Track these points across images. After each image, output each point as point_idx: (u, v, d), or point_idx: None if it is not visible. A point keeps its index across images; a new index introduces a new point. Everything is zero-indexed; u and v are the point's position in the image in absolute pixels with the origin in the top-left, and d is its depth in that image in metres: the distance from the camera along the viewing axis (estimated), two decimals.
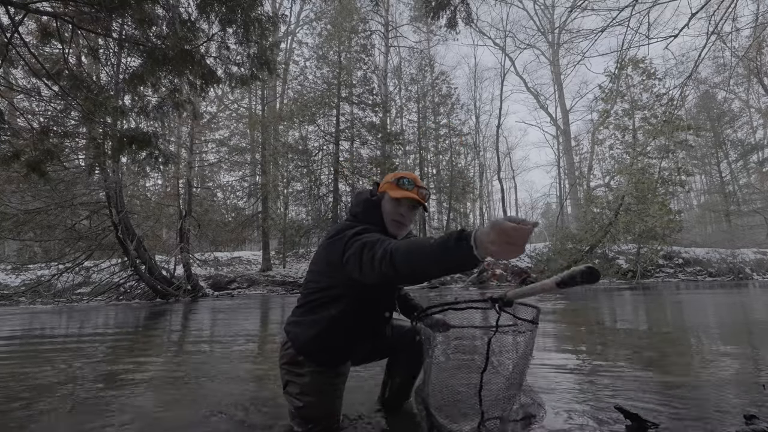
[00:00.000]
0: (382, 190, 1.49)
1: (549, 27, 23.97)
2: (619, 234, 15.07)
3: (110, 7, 3.77)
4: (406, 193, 1.43)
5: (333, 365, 1.46)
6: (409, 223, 1.48)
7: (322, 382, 1.43)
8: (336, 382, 1.46)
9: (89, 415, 1.81)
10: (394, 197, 1.43)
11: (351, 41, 16.82)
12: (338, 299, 1.41)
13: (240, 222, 15.06)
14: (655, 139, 14.67)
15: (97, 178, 9.24)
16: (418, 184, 1.48)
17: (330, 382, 1.45)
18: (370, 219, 1.43)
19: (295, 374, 1.44)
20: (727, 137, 25.25)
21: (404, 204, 1.45)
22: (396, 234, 1.45)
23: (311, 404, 1.41)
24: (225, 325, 5.27)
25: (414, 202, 1.45)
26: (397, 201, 1.44)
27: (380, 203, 1.47)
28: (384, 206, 1.45)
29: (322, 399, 1.43)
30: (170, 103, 5.14)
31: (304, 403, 1.42)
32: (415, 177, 1.50)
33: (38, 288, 9.90)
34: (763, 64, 14.79)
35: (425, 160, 20.29)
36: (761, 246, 18.85)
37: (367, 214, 1.45)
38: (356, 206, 1.50)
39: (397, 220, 1.44)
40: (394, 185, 1.46)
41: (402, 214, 1.44)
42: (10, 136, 4.71)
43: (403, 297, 1.82)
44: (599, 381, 2.19)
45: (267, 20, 4.68)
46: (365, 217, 1.44)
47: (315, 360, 1.44)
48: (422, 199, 1.47)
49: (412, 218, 1.49)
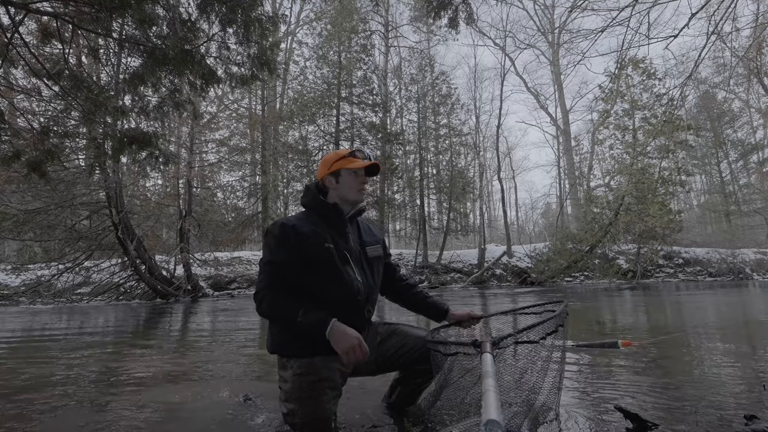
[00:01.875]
0: (334, 169, 1.56)
1: (549, 27, 23.96)
2: (619, 234, 15.07)
3: (110, 7, 3.77)
4: (362, 164, 1.55)
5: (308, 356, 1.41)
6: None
7: (303, 388, 1.38)
8: (318, 386, 1.38)
9: (89, 415, 1.81)
10: (353, 168, 1.54)
11: (351, 41, 16.81)
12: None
13: (240, 222, 15.05)
14: (655, 139, 14.66)
15: (97, 178, 9.24)
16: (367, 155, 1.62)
17: (311, 387, 1.38)
18: (317, 207, 1.56)
19: (282, 380, 1.45)
20: (727, 137, 25.25)
21: (363, 172, 1.58)
22: (359, 200, 1.60)
23: (293, 412, 1.39)
24: (225, 325, 5.27)
25: (373, 167, 1.58)
26: (359, 172, 1.56)
27: (322, 189, 1.59)
28: (342, 184, 1.56)
29: (303, 406, 1.37)
30: (170, 103, 5.13)
31: (288, 410, 1.40)
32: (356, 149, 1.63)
33: (38, 288, 9.91)
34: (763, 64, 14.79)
35: (425, 160, 20.27)
36: (761, 246, 18.85)
37: (314, 202, 1.57)
38: (304, 197, 1.61)
39: (361, 189, 1.58)
40: (349, 160, 1.56)
41: (363, 183, 1.58)
42: (10, 136, 4.71)
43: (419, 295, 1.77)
44: (599, 381, 2.20)
45: (267, 20, 4.68)
46: (313, 205, 1.57)
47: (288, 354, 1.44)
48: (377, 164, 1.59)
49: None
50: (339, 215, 1.55)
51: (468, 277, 15.73)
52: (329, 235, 1.49)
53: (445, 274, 15.84)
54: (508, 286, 14.54)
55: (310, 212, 1.56)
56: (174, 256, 12.04)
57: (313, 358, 1.41)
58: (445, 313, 1.72)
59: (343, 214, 1.55)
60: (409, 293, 1.77)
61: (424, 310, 1.76)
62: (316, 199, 1.56)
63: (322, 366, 1.40)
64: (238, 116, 15.55)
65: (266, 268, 1.44)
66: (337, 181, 1.56)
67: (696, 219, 27.42)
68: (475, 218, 22.52)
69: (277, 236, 1.44)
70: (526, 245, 19.24)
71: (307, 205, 1.58)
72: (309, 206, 1.58)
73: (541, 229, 32.63)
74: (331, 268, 1.45)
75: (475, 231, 21.51)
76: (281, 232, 1.44)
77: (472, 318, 1.70)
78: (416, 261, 16.93)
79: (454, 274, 16.07)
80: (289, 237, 1.43)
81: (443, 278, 15.50)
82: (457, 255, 17.82)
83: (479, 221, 19.71)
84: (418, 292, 1.78)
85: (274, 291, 1.41)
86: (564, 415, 1.63)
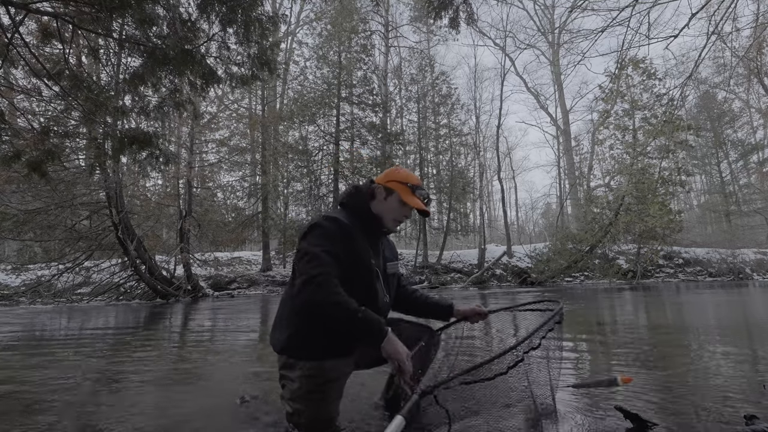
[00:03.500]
0: (389, 185, 1.53)
1: (549, 27, 23.95)
2: (619, 234, 15.07)
3: (111, 7, 3.76)
4: (419, 204, 1.52)
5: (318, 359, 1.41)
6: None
7: (311, 389, 1.39)
8: (325, 388, 1.41)
9: (89, 415, 1.81)
10: (408, 203, 1.51)
11: (351, 41, 16.80)
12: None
13: (240, 222, 15.05)
14: (656, 139, 14.66)
15: (98, 178, 9.23)
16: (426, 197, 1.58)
17: (319, 389, 1.39)
18: (355, 205, 1.53)
19: (288, 379, 1.44)
20: (728, 137, 25.24)
21: (410, 211, 1.55)
22: (392, 230, 1.57)
23: (299, 412, 1.40)
24: (225, 325, 5.28)
25: (422, 213, 1.54)
26: (407, 207, 1.53)
27: (371, 194, 1.54)
28: (387, 203, 1.53)
29: (309, 406, 1.39)
30: (171, 103, 5.13)
31: (293, 409, 1.41)
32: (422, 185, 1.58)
33: (38, 288, 9.91)
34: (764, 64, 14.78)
35: (425, 160, 20.27)
36: (761, 246, 18.85)
37: (360, 208, 1.52)
38: (351, 198, 1.56)
39: (399, 221, 1.55)
40: (408, 191, 1.52)
41: (406, 217, 1.56)
42: (10, 136, 4.71)
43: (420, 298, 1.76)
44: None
45: (267, 20, 4.67)
46: (359, 210, 1.52)
47: (301, 356, 1.41)
48: (428, 211, 1.56)
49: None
50: (378, 229, 1.54)
51: (468, 277, 15.73)
52: (370, 248, 1.48)
53: (445, 274, 15.83)
54: (508, 286, 14.54)
55: (352, 216, 1.49)
56: (174, 256, 12.04)
57: (323, 361, 1.41)
58: (450, 309, 1.73)
59: (382, 229, 1.54)
60: (411, 298, 1.76)
61: (428, 311, 1.75)
62: (363, 205, 1.53)
63: (330, 368, 1.42)
64: (238, 116, 15.54)
65: (324, 255, 1.33)
66: (385, 198, 1.53)
67: (696, 219, 27.42)
68: (475, 218, 22.54)
69: (335, 232, 1.39)
70: (526, 245, 19.24)
71: (353, 208, 1.53)
72: (353, 209, 1.53)
73: (541, 229, 32.64)
74: (367, 283, 1.46)
75: (475, 231, 21.51)
76: (341, 230, 1.40)
77: (477, 314, 1.72)
78: (416, 261, 16.93)
79: (454, 274, 16.07)
80: (345, 237, 1.40)
81: (443, 278, 15.50)
82: (457, 255, 17.82)
83: (479, 221, 19.72)
84: (418, 296, 1.77)
85: (335, 278, 1.31)
86: (564, 415, 1.63)
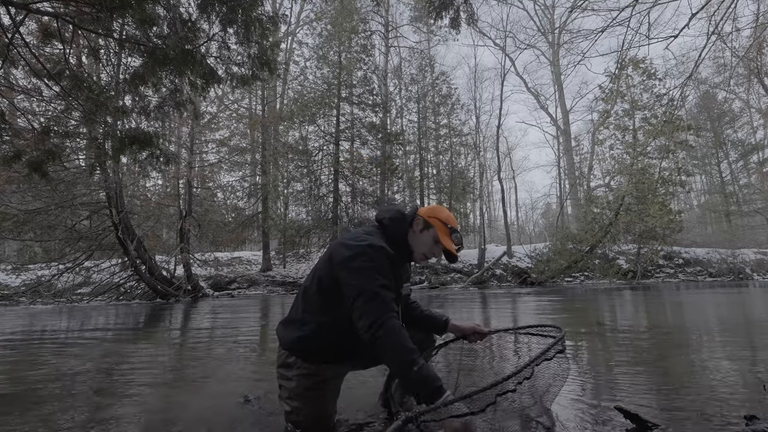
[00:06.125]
0: (430, 220, 1.53)
1: (549, 27, 23.94)
2: (619, 234, 15.07)
3: (111, 7, 3.77)
4: (452, 247, 1.52)
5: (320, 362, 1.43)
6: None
7: (308, 387, 1.41)
8: (323, 387, 1.43)
9: (89, 415, 1.82)
10: (441, 243, 1.51)
11: (351, 41, 16.81)
12: (333, 309, 1.40)
13: (240, 222, 15.06)
14: (656, 140, 14.67)
15: (98, 178, 9.23)
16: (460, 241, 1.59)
17: (316, 387, 1.42)
18: (395, 231, 1.51)
19: (285, 378, 1.46)
20: (728, 137, 25.26)
21: (441, 252, 1.56)
22: (417, 262, 1.59)
23: (297, 410, 1.41)
24: (225, 325, 5.28)
25: (450, 257, 1.55)
26: (441, 247, 1.53)
27: (412, 222, 1.54)
28: (422, 236, 1.53)
29: (307, 404, 1.41)
30: (171, 103, 5.13)
31: (291, 408, 1.42)
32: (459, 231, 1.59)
33: (38, 288, 9.90)
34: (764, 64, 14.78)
35: (425, 160, 20.28)
36: (761, 246, 18.86)
37: (394, 225, 1.52)
38: (386, 212, 1.55)
39: (427, 257, 1.55)
40: (446, 232, 1.53)
41: (435, 255, 1.56)
42: (11, 136, 4.71)
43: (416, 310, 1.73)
44: (599, 381, 2.20)
45: (268, 20, 4.68)
46: (392, 226, 1.51)
47: (303, 358, 1.43)
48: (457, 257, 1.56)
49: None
50: (408, 257, 1.55)
51: (468, 277, 15.73)
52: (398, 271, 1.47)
53: (445, 274, 15.83)
54: (508, 286, 14.53)
55: (390, 242, 1.47)
56: (174, 256, 12.04)
57: (320, 365, 1.43)
58: (445, 324, 1.70)
59: (410, 258, 1.56)
60: (408, 309, 1.72)
61: (423, 325, 1.72)
62: (404, 234, 1.53)
63: (327, 368, 1.44)
64: (238, 116, 15.55)
65: (382, 292, 1.28)
66: (421, 231, 1.53)
67: (696, 219, 27.42)
68: (476, 218, 22.54)
69: (384, 263, 1.35)
70: (526, 245, 19.24)
71: (393, 233, 1.51)
72: (393, 234, 1.50)
73: (541, 229, 32.66)
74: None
75: (476, 231, 21.51)
76: (389, 261, 1.37)
77: (477, 333, 1.68)
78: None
79: (454, 274, 16.06)
80: (391, 268, 1.37)
81: (443, 278, 15.49)
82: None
83: (479, 221, 19.71)
84: (415, 307, 1.74)
85: (396, 321, 1.26)
86: (564, 415, 1.63)
